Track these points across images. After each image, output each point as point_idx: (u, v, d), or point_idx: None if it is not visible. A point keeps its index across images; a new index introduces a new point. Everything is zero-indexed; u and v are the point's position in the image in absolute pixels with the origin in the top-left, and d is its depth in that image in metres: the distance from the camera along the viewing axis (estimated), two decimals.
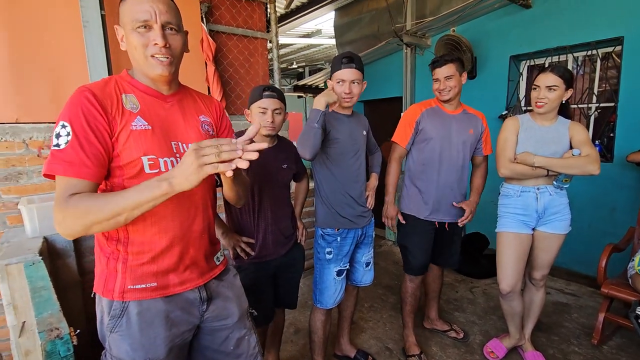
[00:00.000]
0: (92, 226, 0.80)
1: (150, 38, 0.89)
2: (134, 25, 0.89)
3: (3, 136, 1.92)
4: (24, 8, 1.95)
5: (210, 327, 1.08)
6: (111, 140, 0.88)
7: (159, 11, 0.89)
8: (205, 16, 2.64)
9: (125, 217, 0.80)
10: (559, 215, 1.81)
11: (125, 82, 0.95)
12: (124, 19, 0.91)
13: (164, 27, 0.90)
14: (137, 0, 0.89)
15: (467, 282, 3.12)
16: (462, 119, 1.98)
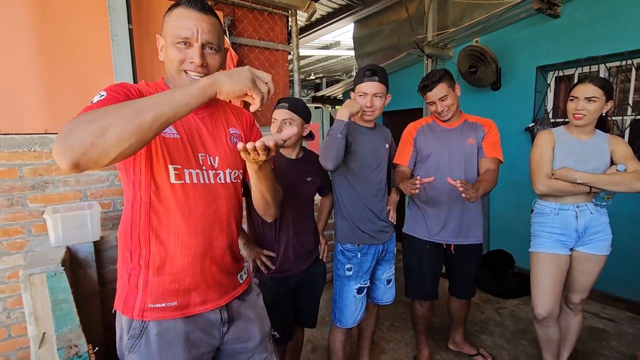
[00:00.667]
0: (109, 128, 0.64)
1: (189, 55, 0.89)
2: (174, 40, 0.89)
3: (32, 146, 1.97)
4: (57, 25, 2.03)
5: (231, 350, 1.04)
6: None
7: (202, 30, 0.88)
8: (228, 29, 2.68)
9: (153, 115, 0.67)
10: (600, 235, 1.69)
11: (160, 89, 0.95)
12: (166, 30, 0.91)
13: (204, 46, 0.90)
14: (182, 15, 0.88)
15: (493, 302, 2.97)
16: (462, 130, 1.86)
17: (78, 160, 0.64)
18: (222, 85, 0.74)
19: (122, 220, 0.95)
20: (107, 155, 0.66)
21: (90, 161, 0.65)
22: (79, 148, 0.64)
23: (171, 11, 0.91)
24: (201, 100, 0.73)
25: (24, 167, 1.95)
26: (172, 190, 0.90)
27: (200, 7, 0.89)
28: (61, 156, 0.64)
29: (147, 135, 0.69)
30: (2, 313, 1.94)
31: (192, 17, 0.88)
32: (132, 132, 0.66)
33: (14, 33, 1.92)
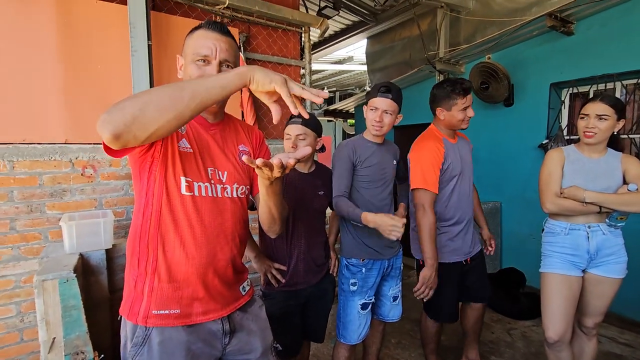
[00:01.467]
0: (150, 103, 0.70)
1: (207, 72, 0.94)
2: (194, 58, 0.95)
3: (53, 155, 2.05)
4: (80, 40, 2.13)
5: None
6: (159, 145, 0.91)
7: (220, 49, 0.95)
8: (243, 45, 2.77)
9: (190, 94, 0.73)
10: (614, 257, 1.64)
11: None
12: (187, 49, 0.98)
13: (221, 63, 0.96)
14: (202, 35, 0.96)
15: (503, 322, 2.88)
16: (463, 145, 1.91)
17: (120, 132, 0.69)
18: (257, 74, 0.77)
19: (132, 228, 0.99)
20: (146, 128, 0.71)
21: (129, 134, 0.70)
22: (121, 120, 0.69)
23: (192, 33, 0.98)
24: (236, 85, 0.77)
25: (44, 175, 2.03)
26: (182, 200, 0.94)
27: (219, 29, 0.97)
28: (104, 127, 0.69)
29: (185, 113, 0.73)
30: (16, 317, 2.00)
31: (211, 37, 0.95)
32: (169, 109, 0.71)
33: (39, 47, 2.03)
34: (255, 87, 0.79)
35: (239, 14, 2.73)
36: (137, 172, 0.95)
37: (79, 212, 2.08)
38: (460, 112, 1.76)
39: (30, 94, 2.02)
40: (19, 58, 1.98)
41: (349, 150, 1.66)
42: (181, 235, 0.94)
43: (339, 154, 1.68)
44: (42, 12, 2.02)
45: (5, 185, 1.93)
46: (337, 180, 1.65)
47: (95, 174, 2.18)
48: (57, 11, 2.06)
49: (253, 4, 2.67)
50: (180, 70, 1.02)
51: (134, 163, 0.94)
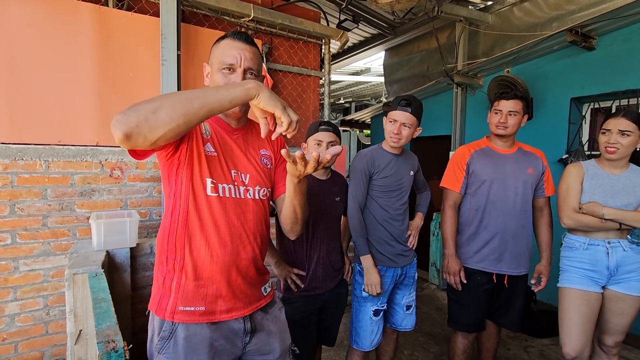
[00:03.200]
0: (162, 108, 0.75)
1: (232, 79, 1.00)
2: (220, 66, 1.00)
3: (84, 157, 2.17)
4: (115, 49, 2.27)
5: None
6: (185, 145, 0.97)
7: (244, 57, 1.00)
8: (265, 56, 2.87)
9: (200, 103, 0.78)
10: (635, 274, 1.61)
11: None
12: (213, 58, 1.03)
13: (245, 71, 1.01)
14: (228, 45, 1.01)
15: (520, 339, 2.82)
16: (518, 158, 1.84)
17: (131, 132, 0.73)
18: (263, 94, 0.85)
19: (161, 228, 1.05)
20: (156, 131, 0.76)
21: (140, 135, 0.74)
22: (134, 120, 0.74)
23: (219, 43, 1.04)
24: (242, 99, 0.84)
25: (75, 175, 2.15)
26: (207, 201, 0.99)
27: (244, 39, 1.03)
28: (117, 127, 0.73)
29: (193, 119, 0.79)
30: (42, 310, 2.09)
31: (236, 46, 1.01)
32: (180, 114, 0.77)
33: (77, 55, 2.17)
34: (257, 104, 0.85)
35: (263, 27, 2.84)
36: (165, 175, 1.01)
37: (105, 211, 2.18)
38: (493, 116, 1.83)
39: (67, 99, 2.16)
40: (57, 65, 2.12)
41: (367, 160, 1.70)
42: (206, 234, 0.99)
43: (357, 163, 1.72)
44: (81, 21, 2.17)
45: (40, 184, 2.05)
46: (353, 189, 1.69)
47: (122, 175, 2.28)
48: (94, 21, 2.20)
49: (276, 17, 2.77)
50: (207, 77, 1.07)
51: (163, 166, 1.00)
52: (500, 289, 1.88)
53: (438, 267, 3.79)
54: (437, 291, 3.73)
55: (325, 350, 2.38)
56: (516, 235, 1.81)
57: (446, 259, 1.88)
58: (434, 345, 2.68)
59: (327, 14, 3.62)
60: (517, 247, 1.82)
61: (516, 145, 1.90)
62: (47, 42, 2.09)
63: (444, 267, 1.90)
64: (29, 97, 2.06)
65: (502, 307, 1.92)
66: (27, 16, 2.03)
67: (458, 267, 1.84)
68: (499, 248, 1.81)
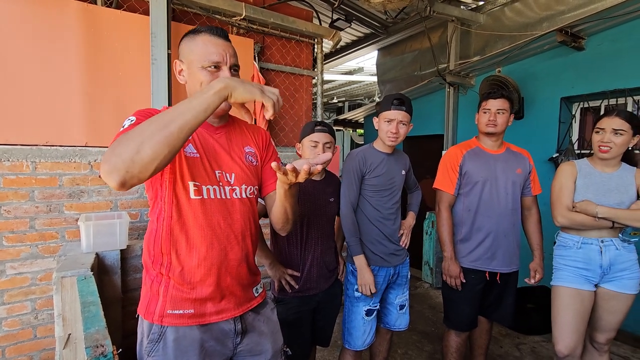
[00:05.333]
0: (143, 145, 0.72)
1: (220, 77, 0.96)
2: (204, 64, 0.96)
3: (73, 157, 2.13)
4: (104, 49, 2.23)
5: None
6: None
7: (229, 55, 0.99)
8: (257, 55, 2.85)
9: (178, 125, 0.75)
10: (627, 272, 1.63)
11: None
12: (191, 55, 0.98)
13: (230, 68, 0.99)
14: (210, 41, 0.97)
15: (512, 336, 2.85)
16: (508, 158, 1.89)
17: (124, 179, 0.73)
18: (235, 90, 0.81)
19: (148, 232, 1.03)
20: (147, 169, 0.74)
21: (133, 177, 0.74)
22: (122, 167, 0.72)
23: (193, 37, 0.99)
24: (217, 104, 0.80)
25: (63, 176, 2.11)
26: (191, 205, 0.97)
27: (224, 36, 1.00)
28: (109, 177, 0.73)
29: (177, 144, 0.76)
30: (30, 314, 2.05)
31: (219, 44, 0.98)
32: (163, 144, 0.74)
33: (64, 54, 2.13)
34: (234, 100, 0.83)
35: (255, 25, 2.82)
36: (148, 182, 0.98)
37: (95, 213, 2.14)
38: (482, 115, 1.85)
39: (55, 98, 2.11)
40: (44, 64, 2.08)
41: (359, 160, 1.70)
42: (192, 238, 0.97)
43: (349, 163, 1.72)
44: (68, 20, 2.13)
45: (27, 185, 2.00)
46: (346, 189, 1.69)
47: None
48: (82, 19, 2.16)
49: (268, 16, 2.76)
50: (181, 75, 1.01)
51: None
52: (493, 286, 1.90)
53: (431, 266, 3.81)
54: (430, 290, 3.75)
55: (319, 350, 2.37)
56: (507, 233, 1.85)
57: (445, 262, 1.89)
58: (428, 344, 2.69)
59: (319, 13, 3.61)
60: (508, 245, 1.85)
61: (504, 145, 1.93)
62: (33, 40, 2.04)
63: (444, 270, 1.91)
64: (14, 96, 2.01)
65: (495, 303, 1.95)
66: (11, 13, 1.99)
67: (458, 269, 1.86)
68: (492, 247, 1.83)
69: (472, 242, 1.86)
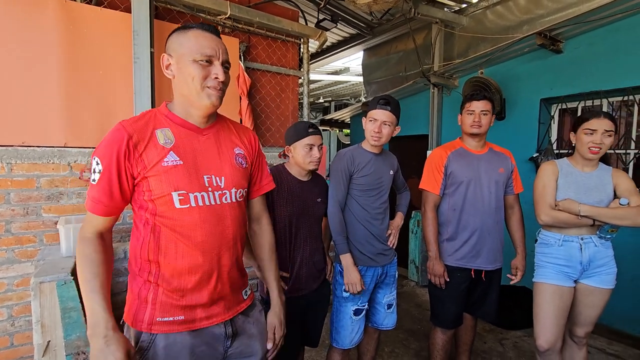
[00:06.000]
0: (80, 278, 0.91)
1: (212, 71, 0.95)
2: (196, 57, 0.93)
3: (51, 158, 2.06)
4: (84, 46, 2.17)
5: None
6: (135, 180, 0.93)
7: (221, 51, 0.97)
8: (243, 54, 2.82)
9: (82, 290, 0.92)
10: (605, 268, 1.68)
11: (162, 116, 0.99)
12: (182, 49, 0.95)
13: (223, 64, 0.98)
14: (202, 36, 0.96)
15: (496, 332, 2.91)
16: (491, 158, 1.93)
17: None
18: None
19: (132, 238, 1.00)
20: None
21: None
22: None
23: (184, 32, 0.96)
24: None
25: (41, 178, 2.04)
26: (178, 214, 0.94)
27: (216, 32, 0.99)
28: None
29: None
30: (7, 321, 1.97)
31: (211, 39, 0.97)
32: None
33: (43, 52, 2.06)
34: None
35: (240, 24, 2.79)
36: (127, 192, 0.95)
37: (75, 215, 2.08)
38: (466, 117, 1.88)
39: (32, 97, 2.04)
40: (22, 61, 2.00)
41: (347, 159, 1.71)
42: (182, 247, 0.95)
43: (337, 163, 1.72)
44: (47, 17, 2.06)
45: (2, 187, 1.93)
46: (333, 189, 1.69)
47: None
48: (61, 17, 2.09)
49: (254, 15, 2.74)
50: (168, 70, 0.98)
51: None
52: (477, 284, 1.94)
53: (417, 265, 3.86)
54: (416, 288, 3.80)
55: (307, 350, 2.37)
56: (491, 231, 1.89)
57: (430, 262, 1.92)
58: (414, 342, 2.73)
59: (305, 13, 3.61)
60: (493, 243, 1.89)
61: (487, 145, 1.98)
62: (8, 37, 1.96)
63: (429, 269, 1.94)
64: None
65: (479, 300, 1.99)
66: None
67: (442, 269, 1.89)
68: (477, 245, 1.87)
69: (457, 240, 1.90)
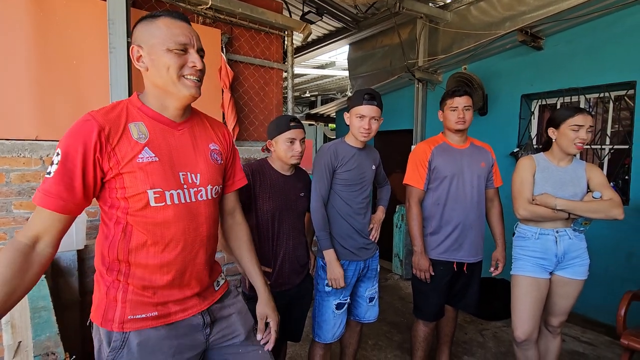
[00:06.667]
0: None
1: (188, 60, 0.92)
2: (171, 47, 0.89)
3: (22, 152, 1.97)
4: (56, 34, 2.07)
5: (219, 348, 1.06)
6: (106, 176, 0.87)
7: (195, 38, 0.94)
8: (225, 46, 2.76)
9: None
10: (578, 259, 1.74)
11: (134, 109, 0.94)
12: (152, 39, 0.89)
13: (198, 51, 0.94)
14: (174, 24, 0.91)
15: (476, 323, 2.98)
16: (473, 152, 1.96)
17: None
18: None
19: (101, 236, 0.94)
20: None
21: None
22: None
23: (152, 21, 0.91)
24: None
25: (11, 172, 1.94)
26: (152, 212, 0.90)
27: (185, 19, 0.95)
28: None
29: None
30: None
31: (184, 26, 0.92)
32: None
33: (11, 40, 1.95)
34: None
35: (222, 15, 2.72)
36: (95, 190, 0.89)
37: None
38: (450, 113, 1.89)
39: (0, 88, 1.94)
40: None
41: (331, 154, 1.69)
42: (155, 245, 0.91)
43: (321, 157, 1.70)
44: (15, 5, 1.95)
45: None
46: (317, 183, 1.68)
47: None
48: (32, 4, 1.99)
49: (236, 6, 2.67)
50: (140, 62, 0.92)
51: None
52: (459, 276, 1.98)
53: (401, 258, 3.90)
54: (400, 281, 3.85)
55: (290, 345, 2.37)
56: (473, 225, 1.92)
57: (416, 256, 1.93)
58: (397, 334, 2.77)
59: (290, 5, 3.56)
60: (474, 236, 1.93)
61: (469, 140, 2.00)
62: None
63: (414, 264, 1.95)
64: None
65: (460, 292, 2.03)
66: None
67: (428, 263, 1.91)
68: (460, 238, 1.90)
69: (440, 234, 1.92)
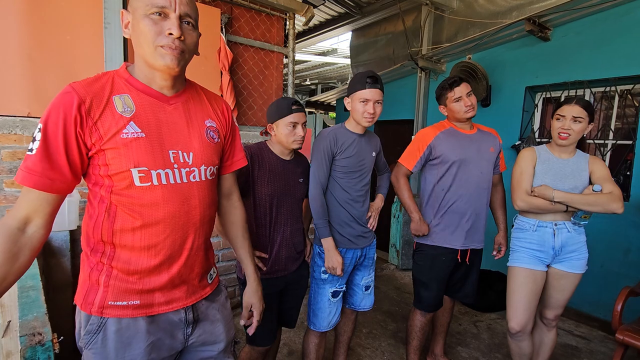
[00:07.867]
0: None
1: (165, 27, 0.80)
2: (147, 11, 0.79)
3: (13, 129, 1.91)
4: (48, 8, 1.99)
5: (195, 354, 1.00)
6: (90, 151, 0.81)
7: (180, 1, 0.81)
8: (224, 27, 2.68)
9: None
10: (576, 253, 1.72)
11: (121, 80, 0.86)
12: (136, 3, 0.81)
13: (181, 18, 0.82)
14: None
15: (471, 314, 2.99)
16: (481, 137, 1.92)
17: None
18: None
19: (87, 216, 0.89)
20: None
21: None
22: None
23: None
24: None
25: (2, 150, 1.89)
26: (138, 192, 0.83)
27: None
28: None
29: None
30: None
31: None
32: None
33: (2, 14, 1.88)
34: None
35: None
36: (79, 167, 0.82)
37: None
38: (455, 104, 1.84)
39: None
40: None
41: (330, 139, 1.65)
42: (141, 228, 0.85)
43: (320, 143, 1.66)
44: None
45: None
46: (315, 170, 1.64)
47: None
48: None
49: None
50: (126, 28, 0.84)
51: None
52: (459, 266, 1.95)
53: (398, 248, 3.90)
54: (396, 271, 3.85)
55: (285, 331, 2.37)
56: (480, 212, 1.90)
57: (415, 224, 1.91)
58: (392, 323, 2.77)
59: None
60: (479, 223, 1.91)
61: (475, 126, 1.96)
62: None
63: (414, 231, 1.93)
64: None
65: (459, 282, 2.01)
66: None
67: (427, 228, 1.90)
68: (466, 225, 1.87)
69: (447, 222, 1.88)
